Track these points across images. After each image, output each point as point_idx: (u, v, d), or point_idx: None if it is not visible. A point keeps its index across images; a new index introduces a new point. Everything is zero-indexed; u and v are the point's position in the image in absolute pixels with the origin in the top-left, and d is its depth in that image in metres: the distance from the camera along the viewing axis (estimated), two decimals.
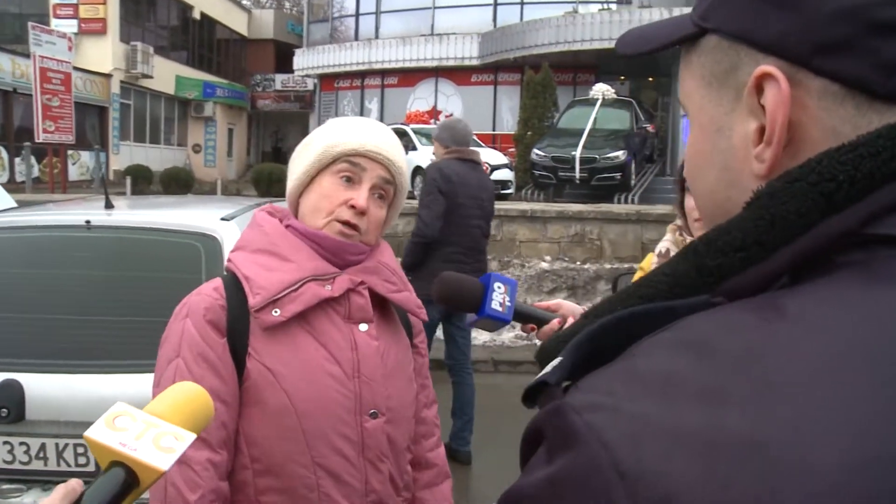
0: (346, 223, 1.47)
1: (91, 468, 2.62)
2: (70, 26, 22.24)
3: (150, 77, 26.30)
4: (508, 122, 21.74)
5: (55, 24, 21.86)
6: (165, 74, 27.79)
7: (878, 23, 0.54)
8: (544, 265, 9.57)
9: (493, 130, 24.10)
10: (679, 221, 2.26)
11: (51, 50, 16.01)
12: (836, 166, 0.53)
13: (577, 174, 15.66)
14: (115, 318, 2.95)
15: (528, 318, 1.61)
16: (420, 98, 26.00)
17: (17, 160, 18.22)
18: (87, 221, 3.18)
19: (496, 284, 1.55)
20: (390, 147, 1.51)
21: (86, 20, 23.58)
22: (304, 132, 32.68)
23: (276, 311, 1.40)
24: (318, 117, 28.62)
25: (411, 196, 15.59)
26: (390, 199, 1.56)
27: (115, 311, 2.98)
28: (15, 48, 19.81)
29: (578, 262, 9.66)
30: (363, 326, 1.49)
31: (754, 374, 0.46)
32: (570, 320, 1.67)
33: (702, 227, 0.66)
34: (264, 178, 17.75)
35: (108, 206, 3.41)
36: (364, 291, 1.50)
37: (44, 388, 2.71)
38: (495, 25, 23.66)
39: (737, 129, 0.62)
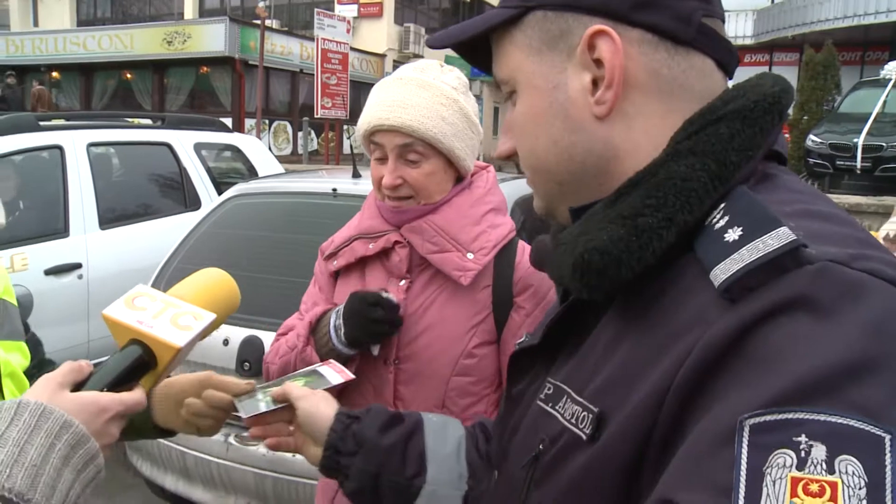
0: (389, 198, 1.61)
1: None
2: (351, 11, 23.85)
3: (421, 56, 27.44)
4: None
5: (338, 9, 23.53)
6: (436, 54, 28.92)
7: None
8: None
9: None
10: None
11: (332, 32, 17.27)
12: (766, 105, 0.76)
13: (859, 163, 14.21)
14: None
15: None
16: None
17: (300, 134, 19.87)
18: (334, 189, 3.35)
19: None
20: (397, 110, 1.53)
21: (365, 5, 25.19)
22: None
23: (334, 262, 1.73)
24: None
25: None
26: (426, 154, 1.57)
27: None
28: (304, 34, 21.68)
29: None
30: (402, 282, 1.62)
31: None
32: None
33: None
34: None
35: (356, 175, 3.57)
36: (400, 250, 1.62)
37: None
38: (773, 1, 22.08)
39: (571, 83, 0.77)
